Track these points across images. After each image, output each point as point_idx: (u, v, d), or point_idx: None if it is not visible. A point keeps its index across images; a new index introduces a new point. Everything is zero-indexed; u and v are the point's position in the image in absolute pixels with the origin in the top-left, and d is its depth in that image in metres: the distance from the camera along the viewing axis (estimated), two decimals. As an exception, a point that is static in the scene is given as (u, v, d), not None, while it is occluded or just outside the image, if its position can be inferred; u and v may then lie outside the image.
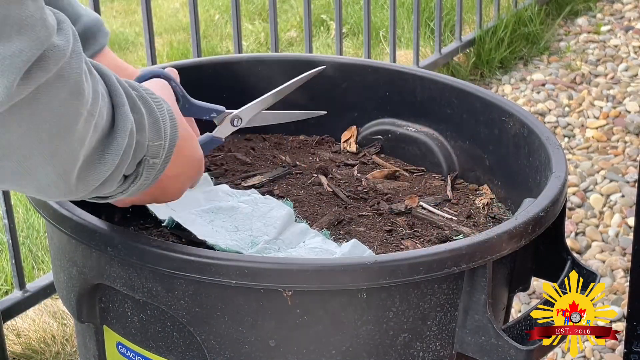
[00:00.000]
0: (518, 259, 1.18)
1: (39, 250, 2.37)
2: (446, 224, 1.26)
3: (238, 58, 1.55)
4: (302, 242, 1.17)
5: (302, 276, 0.99)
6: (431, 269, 1.01)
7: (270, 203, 1.24)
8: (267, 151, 1.45)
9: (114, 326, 1.14)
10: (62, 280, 1.18)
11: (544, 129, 1.28)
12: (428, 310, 1.05)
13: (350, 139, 1.48)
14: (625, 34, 3.71)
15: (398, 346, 1.06)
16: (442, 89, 1.42)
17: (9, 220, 1.95)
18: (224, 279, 0.99)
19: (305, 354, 1.04)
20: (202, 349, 1.06)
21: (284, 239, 1.17)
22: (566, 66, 3.46)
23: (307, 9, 2.59)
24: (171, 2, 4.08)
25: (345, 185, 1.35)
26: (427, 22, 3.53)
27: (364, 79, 1.47)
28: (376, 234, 1.23)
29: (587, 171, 2.80)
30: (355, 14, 3.71)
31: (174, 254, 1.01)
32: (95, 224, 1.06)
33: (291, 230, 1.19)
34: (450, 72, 3.28)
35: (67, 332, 2.09)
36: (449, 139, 1.42)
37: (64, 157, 0.82)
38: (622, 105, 3.19)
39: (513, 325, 1.09)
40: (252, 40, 3.66)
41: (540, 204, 1.12)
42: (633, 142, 2.95)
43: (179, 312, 1.04)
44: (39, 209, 1.13)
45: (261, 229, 1.18)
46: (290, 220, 1.21)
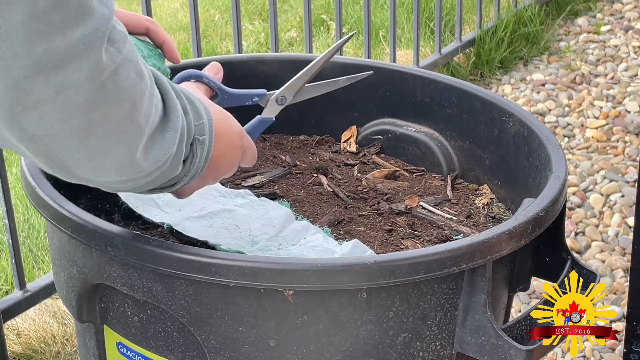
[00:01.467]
0: (518, 258, 1.18)
1: (39, 250, 2.37)
2: (446, 224, 1.26)
3: (238, 58, 1.55)
4: (303, 238, 1.18)
5: (302, 276, 0.99)
6: (431, 268, 1.01)
7: (267, 205, 1.24)
8: (267, 151, 1.45)
9: (114, 326, 1.14)
10: (62, 280, 1.18)
11: (543, 129, 1.28)
12: (428, 310, 1.05)
13: (350, 138, 1.48)
14: (625, 34, 3.71)
15: (398, 346, 1.06)
16: (442, 89, 1.42)
17: (9, 220, 1.95)
18: (224, 279, 0.99)
19: (305, 354, 1.04)
20: (202, 348, 1.06)
21: (285, 236, 1.17)
22: (566, 66, 3.46)
23: (307, 9, 2.59)
24: (171, 2, 4.08)
25: (345, 185, 1.36)
26: (427, 22, 3.53)
27: (364, 79, 1.47)
28: (376, 233, 1.23)
29: (587, 171, 2.80)
30: (355, 14, 3.71)
31: (174, 254, 1.01)
32: (95, 224, 1.06)
33: (291, 227, 1.19)
34: (450, 72, 3.28)
35: (67, 332, 2.09)
36: (448, 138, 1.42)
37: (133, 136, 0.88)
38: (622, 105, 3.19)
39: (513, 325, 1.09)
40: (252, 40, 3.66)
41: (540, 204, 1.12)
42: (633, 142, 2.95)
43: (179, 311, 1.05)
44: (39, 209, 1.13)
45: (260, 228, 1.18)
46: (289, 219, 1.21)
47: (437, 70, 3.13)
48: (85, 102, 0.82)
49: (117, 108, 0.85)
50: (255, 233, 1.17)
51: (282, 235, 1.17)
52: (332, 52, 1.27)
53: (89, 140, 0.85)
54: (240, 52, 2.40)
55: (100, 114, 0.84)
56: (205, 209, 1.22)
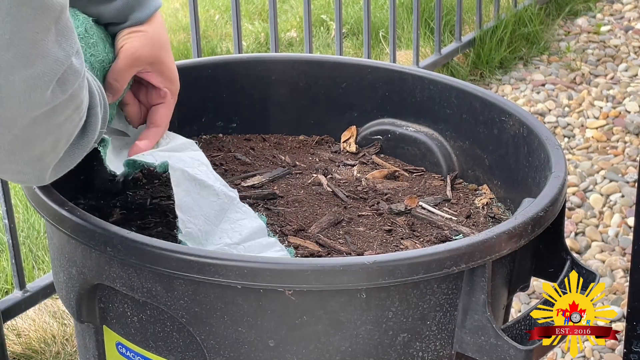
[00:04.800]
0: (517, 258, 1.18)
1: (39, 250, 2.37)
2: (446, 224, 1.26)
3: (238, 58, 1.55)
4: (263, 253, 1.15)
5: (302, 276, 0.99)
6: (430, 268, 1.01)
7: (245, 212, 1.21)
8: (266, 151, 1.45)
9: (113, 326, 1.14)
10: (62, 281, 1.18)
11: (543, 129, 1.28)
12: (427, 310, 1.05)
13: (350, 139, 1.48)
14: (625, 34, 3.71)
15: (397, 346, 1.06)
16: (442, 89, 1.42)
17: (9, 220, 1.95)
18: (224, 279, 0.99)
19: (304, 354, 1.04)
20: (202, 349, 1.06)
21: (247, 246, 1.16)
22: (566, 66, 3.46)
23: (307, 9, 2.59)
24: (171, 2, 4.08)
25: (345, 185, 1.35)
26: (427, 22, 3.53)
27: (363, 79, 1.47)
28: (376, 234, 1.23)
29: (587, 171, 2.80)
30: (355, 14, 3.71)
31: (174, 254, 1.01)
32: (95, 224, 1.06)
33: (258, 240, 1.18)
34: (450, 72, 3.28)
35: (67, 332, 2.09)
36: (448, 139, 1.42)
37: (49, 160, 0.96)
38: (622, 105, 3.18)
39: (513, 325, 1.09)
40: (252, 40, 3.66)
41: (540, 204, 1.12)
42: (633, 142, 2.95)
43: (178, 312, 1.05)
44: (39, 209, 1.13)
45: (227, 231, 1.17)
46: (259, 233, 1.19)
47: (437, 70, 3.13)
48: (15, 135, 0.87)
49: (43, 140, 0.91)
50: (220, 234, 1.16)
51: (243, 245, 1.16)
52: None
53: (13, 156, 0.91)
54: (240, 52, 2.40)
55: (26, 143, 0.89)
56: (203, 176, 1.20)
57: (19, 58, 0.81)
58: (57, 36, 0.84)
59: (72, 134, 0.94)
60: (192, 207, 1.15)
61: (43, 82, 0.84)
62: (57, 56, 0.84)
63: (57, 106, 0.87)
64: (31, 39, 0.81)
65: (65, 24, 0.85)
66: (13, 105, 0.83)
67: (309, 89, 1.48)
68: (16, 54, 0.81)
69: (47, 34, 0.83)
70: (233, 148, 1.45)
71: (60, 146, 0.94)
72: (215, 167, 1.37)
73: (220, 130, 1.49)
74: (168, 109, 1.22)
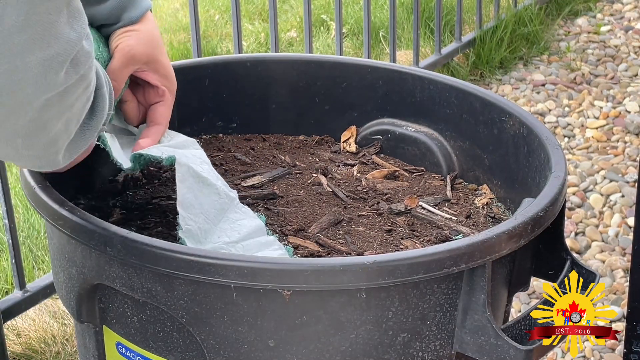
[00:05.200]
0: (517, 258, 1.18)
1: (39, 250, 2.37)
2: (445, 224, 1.26)
3: (238, 58, 1.55)
4: (261, 252, 1.16)
5: (301, 276, 0.99)
6: (430, 269, 1.01)
7: (244, 213, 1.22)
8: (266, 151, 1.45)
9: (113, 326, 1.14)
10: (61, 281, 1.18)
11: (543, 129, 1.28)
12: (427, 310, 1.05)
13: (350, 139, 1.48)
14: (625, 34, 3.71)
15: (397, 346, 1.06)
16: (442, 89, 1.42)
17: (9, 220, 1.95)
18: (224, 279, 0.99)
19: (304, 354, 1.04)
20: (202, 349, 1.06)
21: (245, 245, 1.16)
22: (566, 66, 3.46)
23: (307, 9, 2.59)
24: (171, 2, 4.08)
25: (345, 185, 1.35)
26: (427, 22, 3.53)
27: (363, 79, 1.47)
28: (376, 233, 1.23)
29: (587, 171, 2.80)
30: (355, 14, 3.71)
31: (174, 254, 1.01)
32: (95, 224, 1.06)
33: (256, 239, 1.18)
34: (450, 72, 3.28)
35: (67, 332, 2.09)
36: (448, 139, 1.42)
37: (62, 142, 0.97)
38: (622, 105, 3.19)
39: (512, 325, 1.09)
40: (252, 40, 3.66)
41: (540, 204, 1.12)
42: (633, 142, 2.95)
43: (178, 312, 1.05)
44: (39, 209, 1.13)
45: (226, 230, 1.17)
46: (258, 232, 1.19)
47: (437, 70, 3.13)
48: (31, 118, 0.89)
49: (57, 121, 0.92)
50: (219, 233, 1.16)
51: (242, 244, 1.16)
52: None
53: (29, 140, 0.92)
54: (240, 52, 2.40)
55: (41, 125, 0.91)
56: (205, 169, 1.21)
57: (34, 40, 0.82)
58: (68, 18, 0.86)
59: (82, 114, 0.96)
60: (193, 204, 1.15)
61: (58, 63, 0.85)
62: (69, 37, 0.85)
63: (69, 87, 0.89)
64: (45, 20, 0.83)
65: (76, 6, 0.87)
66: (29, 87, 0.85)
67: (309, 89, 1.48)
68: (31, 36, 0.82)
69: (59, 16, 0.84)
70: (233, 148, 1.45)
71: (72, 126, 0.95)
72: (216, 167, 1.37)
73: (220, 130, 1.49)
74: (167, 107, 1.23)
